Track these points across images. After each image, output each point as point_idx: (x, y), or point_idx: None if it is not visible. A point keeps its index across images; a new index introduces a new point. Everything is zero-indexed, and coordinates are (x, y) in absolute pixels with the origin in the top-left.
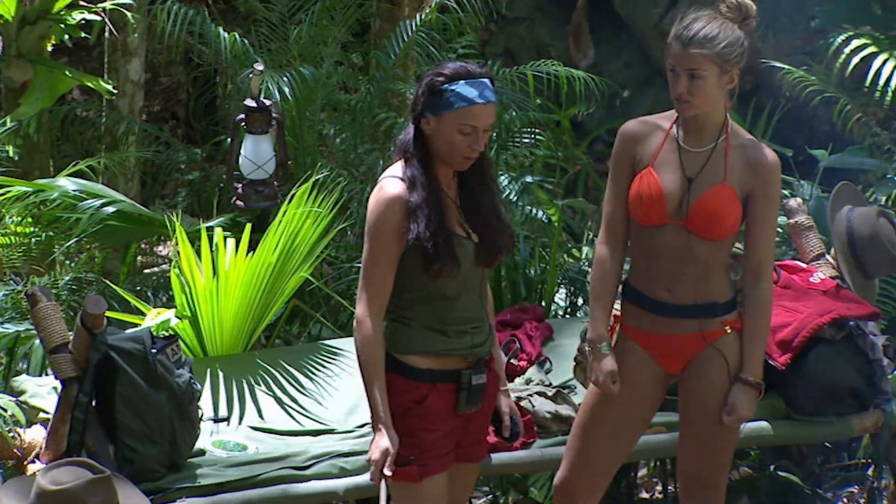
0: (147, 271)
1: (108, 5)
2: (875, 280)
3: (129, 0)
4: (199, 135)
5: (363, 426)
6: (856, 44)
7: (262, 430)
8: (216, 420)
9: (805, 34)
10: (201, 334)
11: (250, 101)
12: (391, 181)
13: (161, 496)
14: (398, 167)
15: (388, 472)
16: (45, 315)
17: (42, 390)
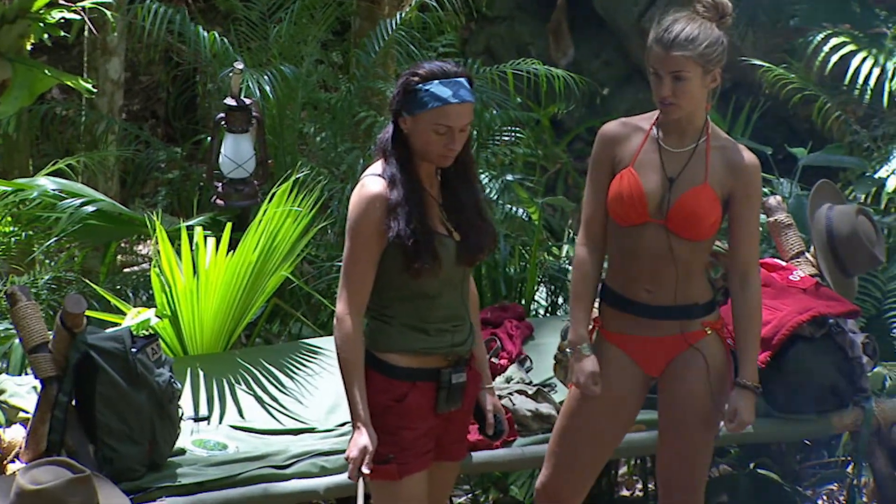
0: (127, 270)
1: (87, 4)
2: (854, 278)
3: None
4: (178, 134)
5: (343, 425)
6: (835, 42)
7: (243, 429)
8: (196, 419)
9: (784, 32)
10: (181, 333)
11: (230, 100)
12: (372, 179)
13: (141, 495)
14: (379, 166)
15: (365, 471)
16: (25, 314)
17: (22, 390)
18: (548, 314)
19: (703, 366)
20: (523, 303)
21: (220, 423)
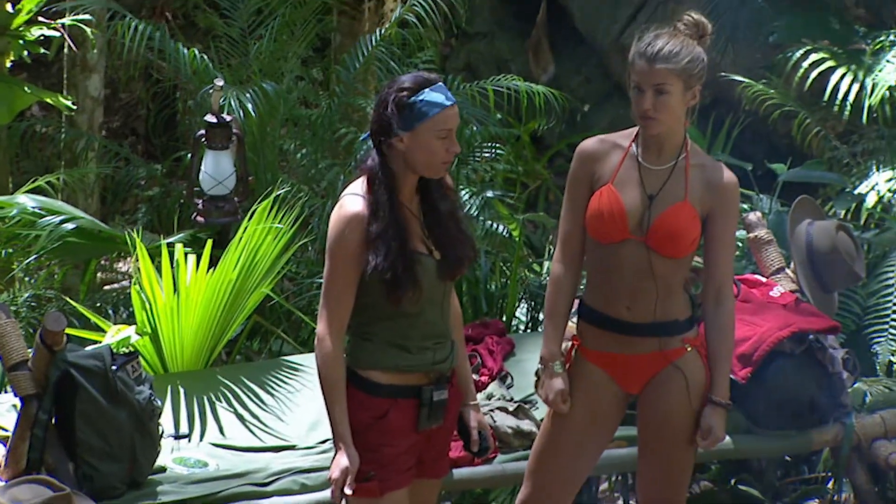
0: (107, 288)
1: (67, 21)
2: (834, 294)
3: (88, 16)
4: (159, 151)
5: (324, 442)
6: (814, 58)
7: (223, 446)
8: (177, 437)
9: (764, 48)
10: (162, 351)
11: (211, 117)
12: (351, 199)
13: None
14: (359, 185)
15: (347, 491)
16: (4, 332)
17: (1, 408)
18: (528, 330)
19: (682, 383)
20: (504, 319)
21: (200, 440)
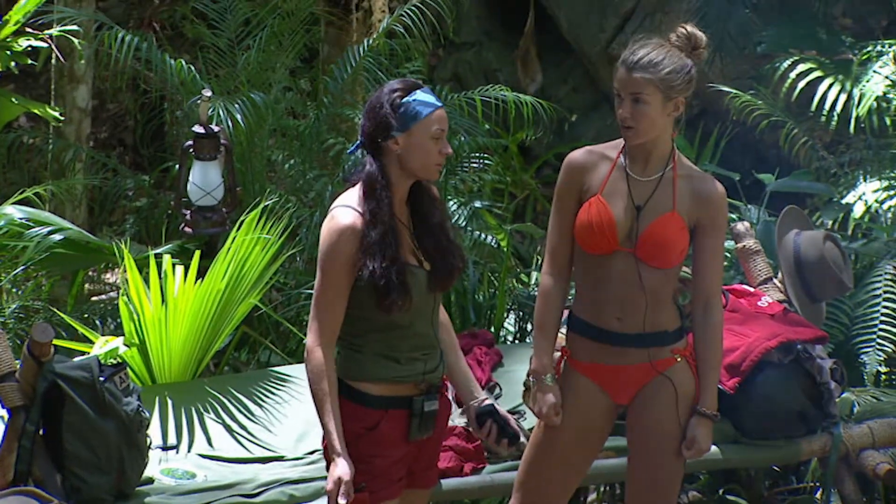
0: (95, 299)
1: (54, 32)
2: (822, 303)
3: (75, 27)
4: (146, 161)
5: (313, 453)
6: (802, 68)
7: (211, 457)
8: (165, 448)
9: (752, 59)
10: (150, 362)
11: (198, 128)
12: (343, 211)
13: None
14: (351, 196)
15: (342, 501)
16: None
17: None
18: (517, 341)
19: (672, 393)
20: (492, 329)
21: (188, 451)
